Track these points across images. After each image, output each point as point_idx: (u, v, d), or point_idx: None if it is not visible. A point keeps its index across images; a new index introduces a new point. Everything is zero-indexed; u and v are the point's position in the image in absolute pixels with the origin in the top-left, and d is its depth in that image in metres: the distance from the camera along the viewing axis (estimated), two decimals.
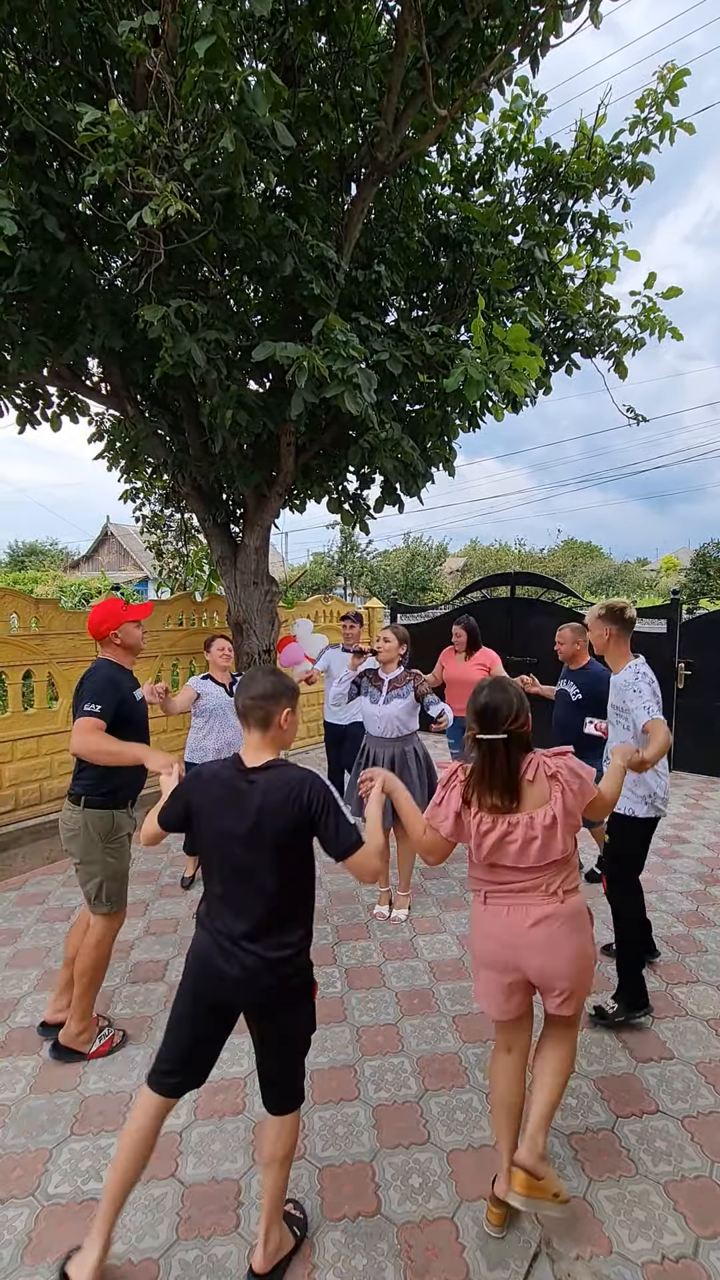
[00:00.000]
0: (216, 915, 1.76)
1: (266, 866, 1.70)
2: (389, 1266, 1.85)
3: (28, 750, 5.04)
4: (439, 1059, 2.67)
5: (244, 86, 3.07)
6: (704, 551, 33.76)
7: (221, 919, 1.74)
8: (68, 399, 5.58)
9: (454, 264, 5.28)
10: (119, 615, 2.80)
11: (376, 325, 4.60)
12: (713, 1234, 1.94)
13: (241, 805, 1.71)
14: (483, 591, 9.07)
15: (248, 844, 1.70)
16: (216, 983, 1.72)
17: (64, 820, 2.68)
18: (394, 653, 3.79)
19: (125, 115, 3.01)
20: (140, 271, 4.01)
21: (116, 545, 34.04)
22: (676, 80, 4.76)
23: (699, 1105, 2.43)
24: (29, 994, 3.11)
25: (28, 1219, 1.99)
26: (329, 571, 33.77)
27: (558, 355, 5.96)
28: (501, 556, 38.63)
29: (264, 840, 1.70)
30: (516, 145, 5.39)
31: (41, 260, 4.03)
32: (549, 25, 4.01)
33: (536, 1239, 1.92)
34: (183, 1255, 1.88)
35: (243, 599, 5.68)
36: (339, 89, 4.45)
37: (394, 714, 3.73)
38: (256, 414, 4.58)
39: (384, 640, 3.78)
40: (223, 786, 1.75)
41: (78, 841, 2.63)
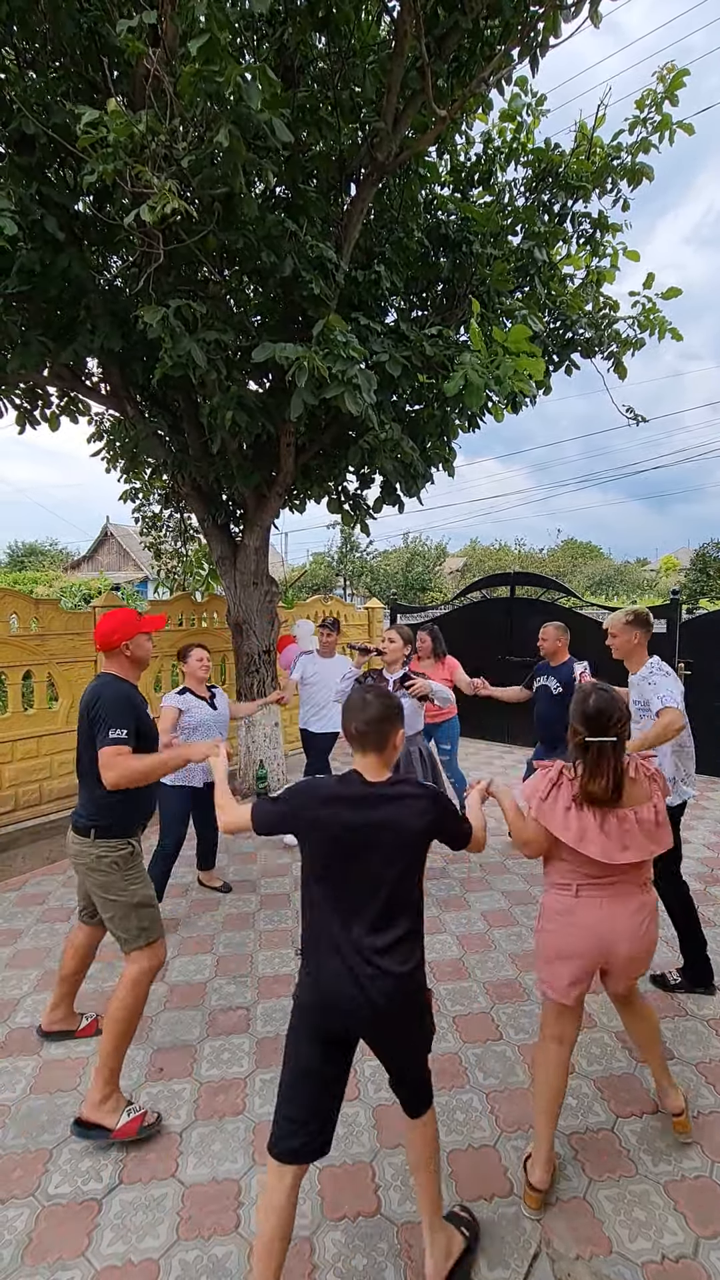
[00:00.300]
0: (342, 939, 1.69)
1: (398, 878, 1.71)
2: (389, 1266, 1.85)
3: (28, 750, 5.04)
4: (439, 1059, 2.67)
5: (240, 83, 3.08)
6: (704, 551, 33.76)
7: (348, 940, 1.69)
8: (67, 399, 5.58)
9: (454, 264, 5.29)
10: (132, 625, 2.55)
11: (376, 326, 4.61)
12: (713, 1234, 1.94)
13: (371, 821, 1.70)
14: (482, 592, 9.07)
15: (384, 859, 1.70)
16: (346, 1014, 1.67)
17: (74, 855, 2.43)
18: (399, 653, 3.81)
19: (124, 115, 3.01)
20: (140, 272, 4.02)
21: (116, 545, 34.03)
22: (676, 81, 4.77)
23: (699, 1105, 2.43)
24: (29, 994, 3.11)
25: (28, 1219, 1.99)
26: (329, 572, 33.76)
27: (557, 355, 5.97)
28: (501, 557, 38.64)
29: (399, 853, 1.71)
30: (516, 145, 5.40)
31: (41, 260, 4.04)
32: (548, 25, 4.02)
33: (536, 1239, 1.92)
34: (183, 1255, 1.88)
35: (242, 599, 5.69)
36: (338, 89, 4.46)
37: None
38: (256, 414, 4.59)
39: (389, 640, 3.80)
40: (348, 804, 1.73)
41: (94, 877, 2.38)
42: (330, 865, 1.72)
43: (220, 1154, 2.22)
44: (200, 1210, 2.02)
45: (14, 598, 5.00)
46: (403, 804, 1.73)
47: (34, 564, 32.79)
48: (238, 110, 3.17)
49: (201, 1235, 1.94)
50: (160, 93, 3.31)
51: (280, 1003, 3.02)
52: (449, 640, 5.18)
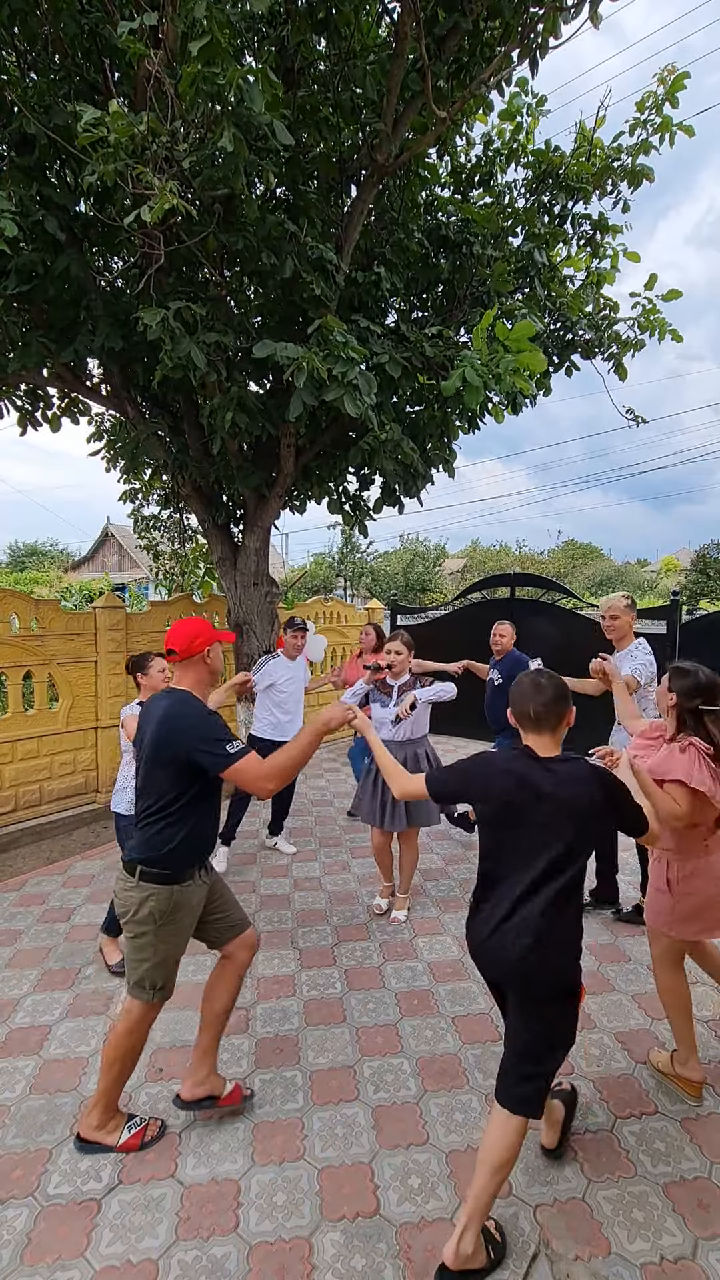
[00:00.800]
0: (504, 900, 1.84)
1: (562, 850, 1.80)
2: (388, 1267, 1.85)
3: (28, 751, 5.04)
4: (438, 1060, 2.67)
5: (241, 85, 3.08)
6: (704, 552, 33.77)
7: (509, 902, 1.84)
8: (68, 400, 5.59)
9: (454, 265, 5.29)
10: (211, 633, 2.35)
11: (376, 327, 4.61)
12: (711, 1235, 1.94)
13: (541, 794, 1.81)
14: (483, 593, 9.07)
15: (551, 831, 1.80)
16: (496, 965, 1.87)
17: (118, 890, 2.23)
18: (407, 662, 3.82)
19: (125, 115, 3.02)
20: (140, 273, 4.02)
21: (117, 546, 34.06)
22: (676, 83, 4.78)
23: (698, 1107, 2.43)
24: (29, 994, 3.11)
25: (27, 1219, 1.99)
26: (329, 572, 33.77)
27: (557, 357, 5.97)
28: (501, 557, 38.65)
29: (564, 827, 1.80)
30: (516, 146, 5.40)
31: (42, 261, 4.05)
32: (548, 27, 4.02)
33: (536, 1240, 1.93)
34: (182, 1256, 1.88)
35: (243, 600, 5.69)
36: (339, 91, 4.47)
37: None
38: (256, 416, 4.59)
39: (395, 653, 3.80)
40: (519, 781, 1.83)
41: (128, 918, 2.19)
42: (500, 833, 1.87)
43: (219, 1154, 2.23)
44: (199, 1210, 2.02)
45: (14, 598, 5.01)
46: (573, 782, 1.81)
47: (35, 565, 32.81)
48: (239, 112, 3.18)
49: (201, 1235, 1.94)
50: (161, 94, 3.32)
51: (279, 1003, 3.03)
52: (449, 641, 5.19)
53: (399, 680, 3.83)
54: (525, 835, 1.82)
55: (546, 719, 1.90)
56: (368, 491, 5.81)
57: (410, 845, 3.91)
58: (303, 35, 4.14)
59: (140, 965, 2.19)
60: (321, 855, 4.83)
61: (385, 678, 3.86)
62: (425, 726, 3.91)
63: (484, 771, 1.90)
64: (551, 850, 1.79)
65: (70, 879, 4.42)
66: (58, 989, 3.16)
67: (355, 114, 4.61)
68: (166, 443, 5.63)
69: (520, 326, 3.70)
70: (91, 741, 5.56)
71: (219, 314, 4.34)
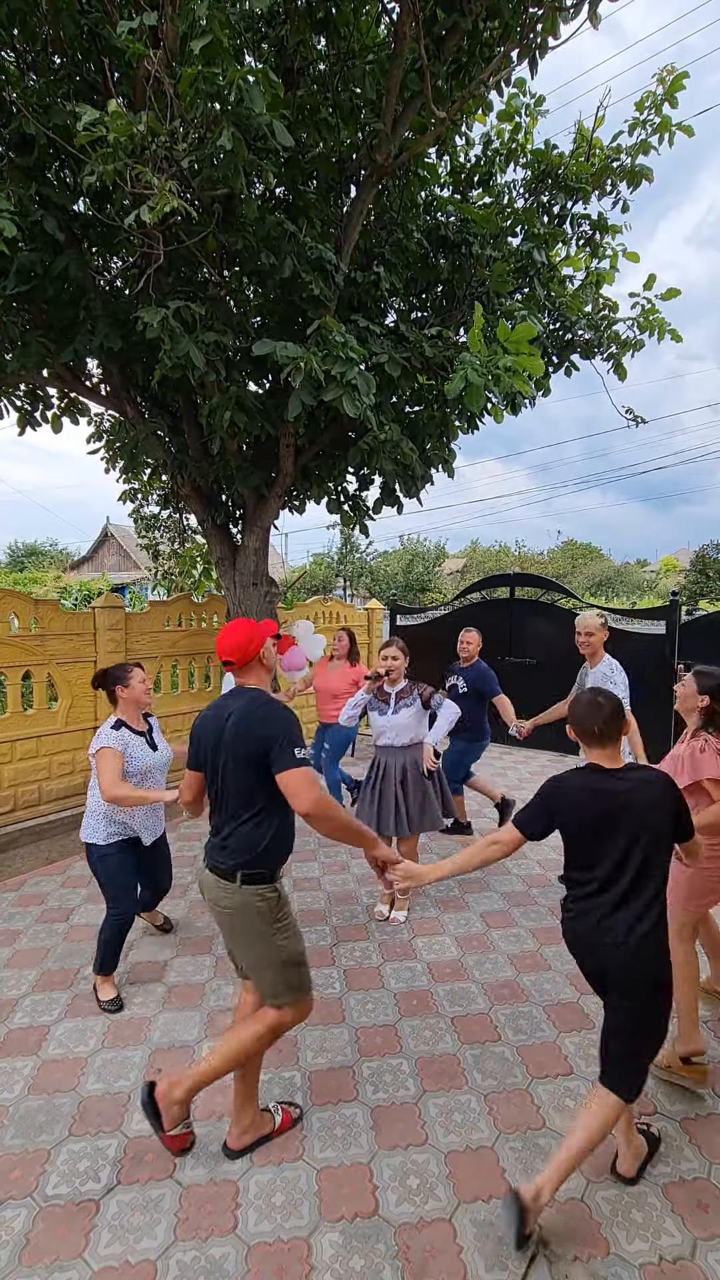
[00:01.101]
0: (603, 904, 1.98)
1: (643, 853, 1.95)
2: (386, 1268, 1.85)
3: (27, 751, 5.04)
4: (437, 1060, 2.67)
5: (242, 85, 3.08)
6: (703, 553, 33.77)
7: (609, 904, 1.98)
8: (67, 400, 5.58)
9: (453, 265, 5.29)
10: (260, 632, 2.27)
11: (375, 327, 4.61)
12: (710, 1235, 1.94)
13: (628, 805, 1.97)
14: (482, 593, 9.07)
15: (629, 837, 1.96)
16: (598, 961, 2.01)
17: (218, 902, 2.14)
18: (402, 669, 3.85)
19: (124, 115, 3.01)
20: (140, 273, 4.02)
21: (116, 546, 34.04)
22: (675, 83, 4.77)
23: (697, 1107, 2.43)
24: (27, 995, 3.11)
25: (25, 1220, 1.99)
26: (329, 572, 33.77)
27: (557, 357, 5.97)
28: (501, 558, 38.64)
29: (642, 830, 1.96)
30: (515, 146, 5.40)
31: (41, 261, 4.04)
32: (547, 27, 4.02)
33: (534, 1241, 1.92)
34: (180, 1257, 1.88)
35: (242, 600, 5.69)
36: (338, 91, 4.46)
37: (404, 722, 3.80)
38: (255, 415, 4.59)
39: (392, 659, 3.82)
40: (596, 794, 2.00)
41: (241, 929, 2.13)
42: (592, 845, 2.00)
43: (218, 1154, 2.22)
44: (198, 1211, 2.02)
45: (13, 598, 5.01)
46: (646, 787, 2.00)
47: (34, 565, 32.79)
48: (239, 112, 3.17)
49: (199, 1236, 1.94)
50: (160, 94, 3.32)
51: None
52: (448, 641, 5.19)
53: (395, 687, 3.85)
54: (616, 843, 1.97)
55: (609, 734, 2.06)
56: (367, 491, 5.81)
57: (410, 849, 3.92)
58: (302, 35, 4.13)
59: (265, 969, 2.12)
60: (320, 855, 4.83)
61: (383, 684, 3.87)
62: (425, 731, 3.92)
63: (565, 797, 2.06)
64: (643, 851, 1.95)
65: (69, 879, 4.42)
66: (56, 989, 3.16)
67: (354, 114, 4.60)
68: (166, 442, 5.63)
69: (521, 328, 3.69)
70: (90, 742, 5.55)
71: (218, 314, 4.33)
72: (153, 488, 7.21)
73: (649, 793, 1.99)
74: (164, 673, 6.22)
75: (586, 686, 3.70)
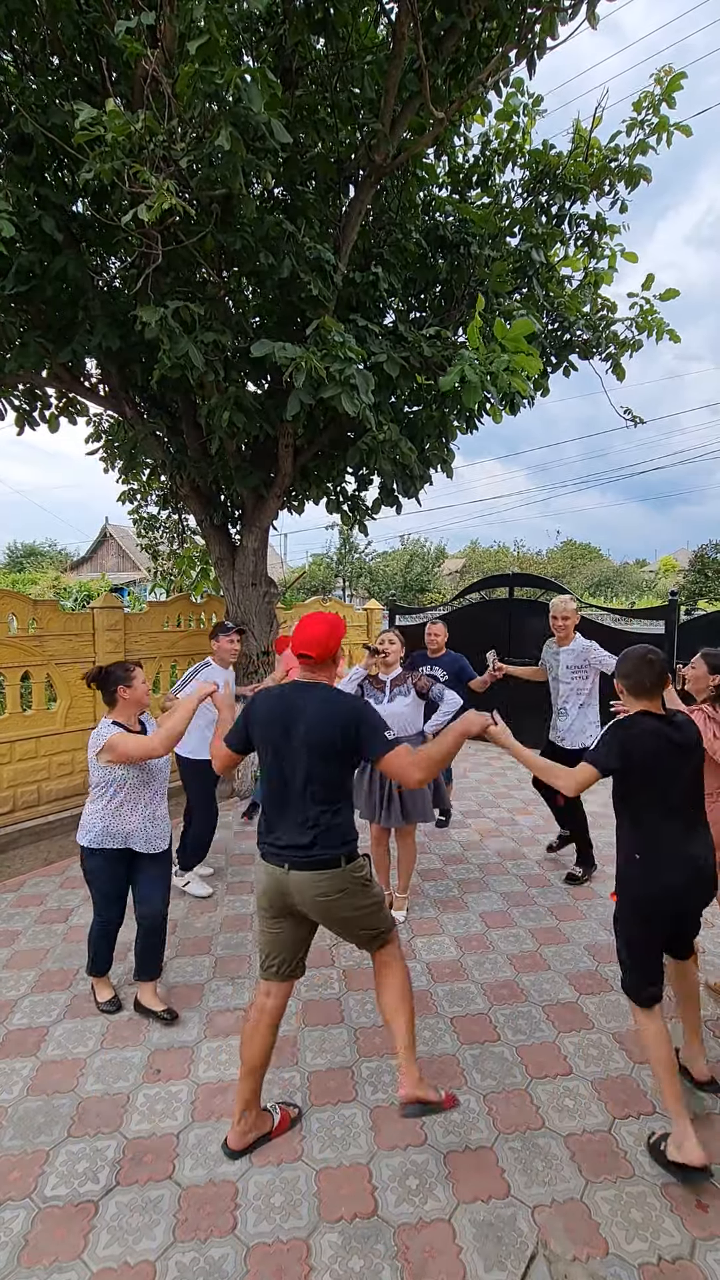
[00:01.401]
0: (674, 834, 2.25)
1: (695, 781, 2.30)
2: (386, 1268, 1.85)
3: (26, 751, 5.03)
4: (436, 1060, 2.67)
5: (239, 84, 3.08)
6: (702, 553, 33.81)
7: (678, 837, 2.25)
8: (66, 400, 5.58)
9: (451, 266, 5.29)
10: (341, 628, 2.27)
11: (374, 327, 4.61)
12: (709, 1235, 1.94)
13: (684, 743, 2.26)
14: (481, 593, 9.07)
15: (693, 771, 2.29)
16: (680, 890, 2.24)
17: (317, 893, 2.14)
18: (399, 654, 3.83)
19: (122, 114, 3.01)
20: (138, 273, 4.02)
21: (115, 546, 34.04)
22: (673, 83, 4.78)
23: (694, 1107, 2.43)
24: (26, 996, 3.11)
25: (24, 1221, 1.98)
26: (328, 573, 33.77)
27: (555, 357, 5.97)
28: (500, 558, 38.66)
29: (695, 762, 2.29)
30: (513, 146, 5.40)
31: (40, 261, 4.04)
32: (545, 27, 4.02)
33: (534, 1240, 1.92)
34: (179, 1258, 1.88)
35: (241, 600, 5.69)
36: (336, 91, 4.47)
37: (400, 711, 3.75)
38: (254, 416, 4.59)
39: (390, 642, 3.81)
40: (661, 738, 2.24)
41: (344, 906, 2.18)
42: (658, 782, 2.24)
43: (217, 1155, 2.22)
44: (197, 1212, 2.02)
45: (12, 598, 5.00)
46: (688, 726, 2.32)
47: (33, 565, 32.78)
48: (236, 111, 3.17)
49: (199, 1237, 1.94)
50: (159, 94, 3.32)
51: None
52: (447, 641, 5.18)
53: (390, 674, 3.82)
54: (680, 777, 2.26)
55: (658, 686, 2.32)
56: (366, 492, 5.81)
57: (407, 843, 3.90)
58: (300, 35, 4.14)
59: (372, 920, 2.29)
60: None
61: (378, 673, 3.85)
62: (420, 722, 3.90)
63: (637, 739, 2.28)
64: (696, 782, 2.29)
65: (68, 880, 4.41)
66: (55, 990, 3.15)
67: (353, 114, 4.61)
68: (164, 443, 5.63)
69: (518, 325, 3.68)
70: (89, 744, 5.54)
71: (217, 314, 4.34)
72: (152, 488, 7.21)
73: (691, 732, 2.30)
74: (163, 673, 6.21)
75: (564, 665, 4.41)
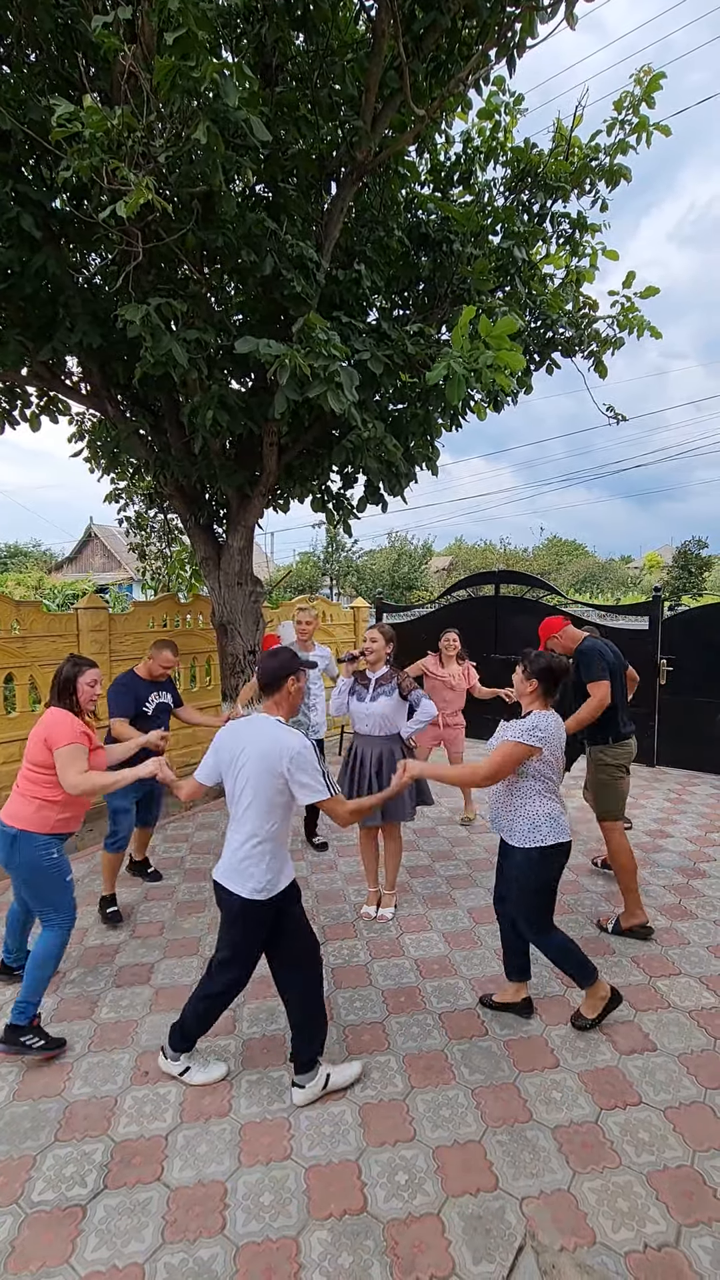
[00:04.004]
0: None
1: None
2: (375, 1264, 1.86)
3: (9, 755, 4.98)
4: (425, 1056, 2.68)
5: (217, 79, 3.06)
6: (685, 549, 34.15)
7: None
8: (47, 399, 5.52)
9: (434, 263, 5.29)
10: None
11: (358, 324, 4.60)
12: (694, 1222, 1.97)
13: None
14: (468, 590, 9.11)
15: None
16: None
17: (599, 762, 3.71)
18: (381, 652, 3.82)
19: (99, 110, 2.98)
20: (119, 270, 3.98)
21: (101, 547, 33.74)
22: (653, 83, 4.81)
23: (681, 1096, 2.46)
24: (8, 1002, 3.07)
25: (10, 1227, 1.97)
26: (315, 571, 33.72)
27: (538, 354, 6.00)
28: (486, 555, 38.80)
29: None
30: (495, 144, 5.41)
31: (19, 258, 3.99)
32: (525, 27, 4.03)
33: (521, 1232, 1.94)
34: (168, 1259, 1.87)
35: (227, 600, 5.66)
36: (317, 88, 4.45)
37: (380, 711, 3.74)
38: (238, 414, 4.56)
39: (371, 640, 3.80)
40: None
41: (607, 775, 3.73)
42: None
43: (206, 1156, 2.22)
44: (186, 1213, 2.01)
45: None
46: None
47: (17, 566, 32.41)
48: (215, 107, 3.15)
49: (187, 1238, 1.94)
50: (137, 89, 3.29)
51: (266, 1004, 3.02)
52: (435, 639, 5.20)
53: (376, 673, 3.82)
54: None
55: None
56: (351, 490, 5.80)
57: (393, 839, 3.91)
58: (281, 31, 4.11)
59: (611, 796, 3.81)
60: (309, 855, 4.82)
61: (365, 669, 3.85)
62: (401, 723, 3.90)
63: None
64: None
65: None
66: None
67: (334, 111, 4.59)
68: (148, 441, 5.58)
69: (502, 323, 3.69)
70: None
71: (199, 311, 4.31)
72: (138, 488, 7.15)
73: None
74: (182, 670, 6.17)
75: None
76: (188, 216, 3.88)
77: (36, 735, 2.83)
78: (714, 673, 6.77)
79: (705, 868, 4.54)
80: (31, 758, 2.83)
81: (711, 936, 3.61)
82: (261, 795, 2.35)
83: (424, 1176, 2.13)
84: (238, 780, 2.40)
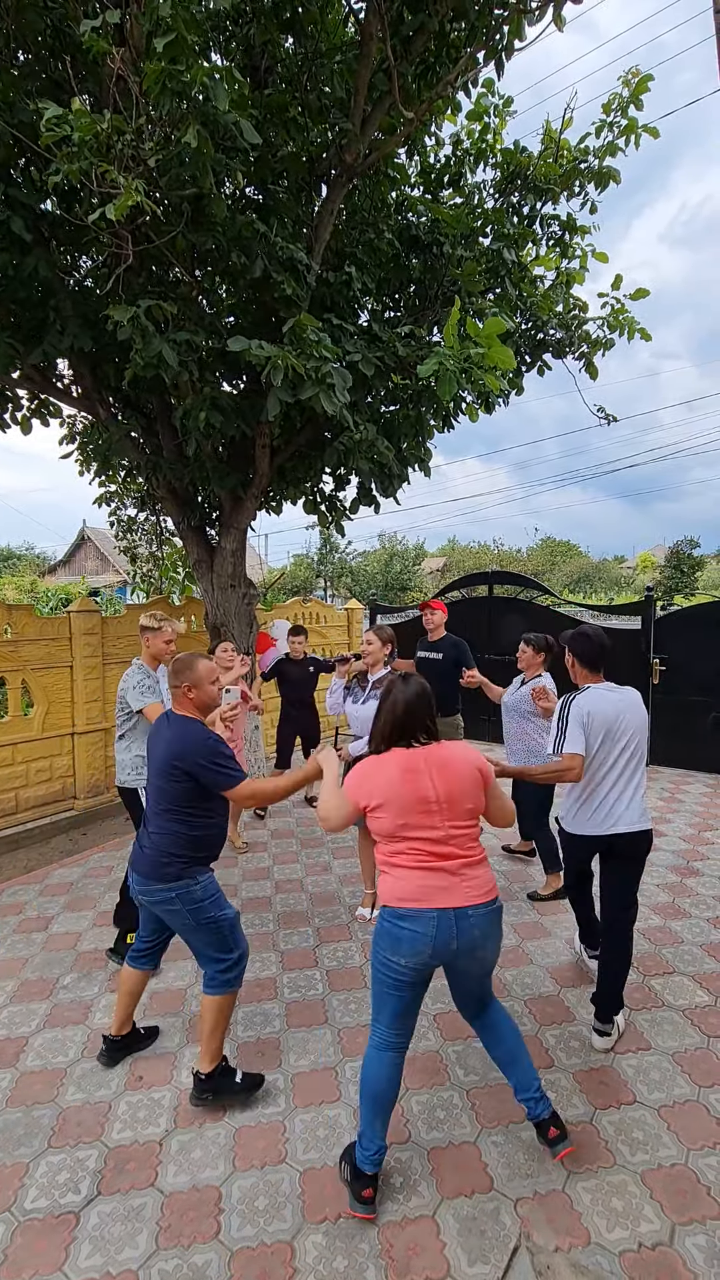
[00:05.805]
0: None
1: None
2: (370, 1267, 1.85)
3: (3, 759, 4.96)
4: (420, 1058, 2.68)
5: (207, 83, 3.06)
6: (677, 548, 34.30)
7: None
8: (38, 402, 5.51)
9: (425, 265, 5.31)
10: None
11: (349, 326, 4.61)
12: (688, 1220, 1.97)
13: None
14: (461, 591, 9.12)
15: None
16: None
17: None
18: (379, 654, 3.82)
19: (88, 113, 2.98)
20: (109, 272, 3.98)
21: (94, 550, 33.66)
22: (640, 86, 4.84)
23: (675, 1095, 2.47)
24: (5, 1006, 3.06)
25: (3, 1235, 1.95)
26: (309, 573, 33.71)
27: (529, 356, 6.02)
28: (480, 556, 38.88)
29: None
30: (484, 146, 5.43)
31: (9, 261, 3.98)
32: (513, 29, 4.05)
33: (516, 1233, 1.94)
34: (163, 1265, 1.87)
35: (220, 602, 5.66)
36: (307, 90, 4.46)
37: (369, 715, 3.74)
38: (231, 416, 4.56)
39: (367, 643, 3.81)
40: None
41: None
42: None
43: (200, 1161, 2.21)
44: (180, 1219, 2.00)
45: None
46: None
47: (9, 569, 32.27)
48: (204, 110, 3.15)
49: (181, 1244, 1.93)
50: (126, 92, 3.29)
51: (260, 1007, 3.01)
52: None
53: (376, 674, 3.82)
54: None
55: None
56: (344, 492, 5.81)
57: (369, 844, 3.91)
58: (269, 34, 4.12)
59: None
60: (303, 857, 4.82)
61: (365, 671, 3.85)
62: None
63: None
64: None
65: (48, 887, 4.35)
66: (35, 1000, 3.11)
67: (323, 114, 4.60)
68: (140, 444, 5.58)
69: (491, 323, 3.70)
70: (68, 748, 5.49)
71: (190, 313, 4.31)
72: (129, 490, 7.14)
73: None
74: None
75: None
76: (178, 219, 3.88)
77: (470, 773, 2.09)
78: (706, 671, 6.80)
79: (699, 866, 4.55)
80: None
81: (705, 935, 3.62)
82: None
83: (419, 1178, 2.12)
84: None
